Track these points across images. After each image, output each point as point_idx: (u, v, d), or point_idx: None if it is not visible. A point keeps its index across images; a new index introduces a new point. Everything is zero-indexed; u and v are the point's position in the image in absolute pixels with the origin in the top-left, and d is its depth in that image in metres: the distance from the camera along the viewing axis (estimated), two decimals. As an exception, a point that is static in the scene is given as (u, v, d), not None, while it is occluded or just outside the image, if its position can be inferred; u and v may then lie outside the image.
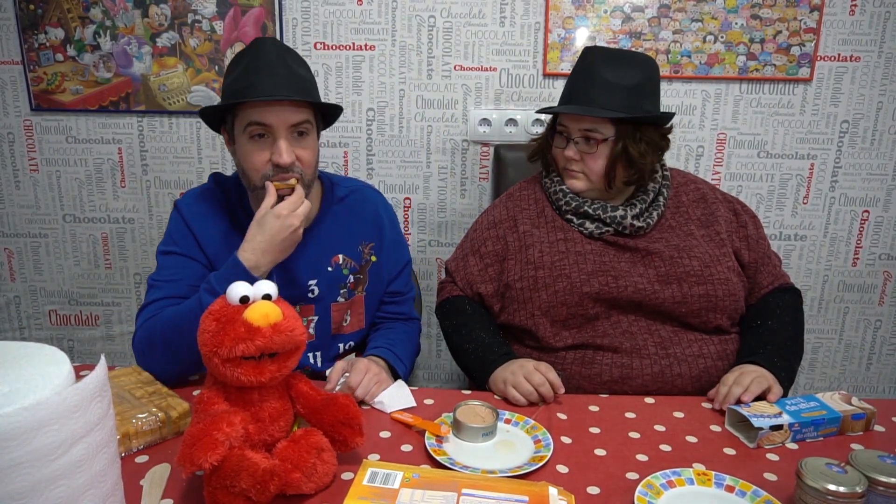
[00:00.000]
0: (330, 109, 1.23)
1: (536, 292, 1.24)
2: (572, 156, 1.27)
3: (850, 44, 1.83)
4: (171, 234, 1.22)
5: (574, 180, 1.29)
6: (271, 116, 1.10)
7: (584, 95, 1.24)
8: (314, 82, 1.20)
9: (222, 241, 1.21)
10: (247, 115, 1.11)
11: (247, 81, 1.11)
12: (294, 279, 1.23)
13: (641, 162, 1.24)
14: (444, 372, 2.15)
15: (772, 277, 1.30)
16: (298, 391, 0.90)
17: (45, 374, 0.64)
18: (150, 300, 1.16)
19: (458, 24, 1.83)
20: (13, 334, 2.12)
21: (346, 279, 1.29)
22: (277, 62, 1.12)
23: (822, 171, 1.93)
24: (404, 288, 1.40)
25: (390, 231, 1.36)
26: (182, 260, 1.19)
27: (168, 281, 1.17)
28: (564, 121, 1.28)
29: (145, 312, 1.15)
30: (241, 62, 1.14)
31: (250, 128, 1.12)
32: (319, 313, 1.28)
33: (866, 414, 1.02)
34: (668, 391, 1.19)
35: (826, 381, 2.11)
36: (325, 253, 1.26)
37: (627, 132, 1.23)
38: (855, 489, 0.75)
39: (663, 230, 1.29)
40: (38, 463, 0.59)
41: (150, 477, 0.86)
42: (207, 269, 1.19)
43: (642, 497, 0.82)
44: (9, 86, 1.91)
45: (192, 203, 1.24)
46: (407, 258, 1.40)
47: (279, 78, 1.11)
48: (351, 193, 1.32)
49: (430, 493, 0.79)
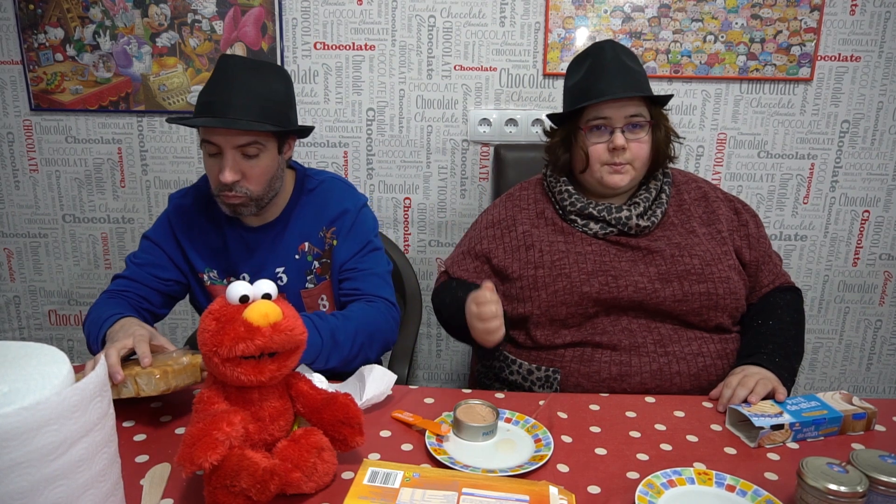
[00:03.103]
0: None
1: (536, 291, 1.24)
2: (623, 144, 1.23)
3: (850, 44, 1.83)
4: (155, 223, 1.38)
5: (619, 175, 1.25)
6: (219, 138, 1.18)
7: (618, 80, 1.23)
8: (280, 100, 1.22)
9: (199, 235, 1.35)
10: (203, 131, 1.20)
11: (208, 99, 1.19)
12: (263, 268, 1.33)
13: (666, 148, 1.29)
14: (444, 372, 2.15)
15: (773, 276, 1.30)
16: (298, 390, 0.90)
17: (45, 374, 0.64)
18: (120, 275, 1.35)
19: (458, 24, 1.83)
20: (13, 334, 2.12)
21: (311, 265, 1.35)
22: (238, 85, 1.17)
23: (823, 171, 1.93)
24: (360, 264, 1.35)
25: (353, 216, 1.35)
26: (153, 247, 1.35)
27: (137, 265, 1.34)
28: (605, 112, 1.23)
29: (112, 283, 1.33)
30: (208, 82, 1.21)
31: (205, 144, 1.21)
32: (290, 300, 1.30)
33: (867, 413, 1.02)
34: (666, 389, 1.19)
35: (826, 381, 2.11)
36: (292, 241, 1.34)
37: (657, 114, 1.28)
38: (856, 489, 0.75)
39: (666, 228, 1.29)
40: (38, 463, 0.59)
41: (150, 477, 0.86)
42: (174, 260, 1.35)
43: (643, 496, 0.82)
44: (8, 86, 1.91)
45: (178, 199, 1.39)
46: (368, 239, 1.37)
47: (227, 105, 1.16)
48: (320, 185, 1.38)
49: (431, 492, 0.79)
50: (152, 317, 1.34)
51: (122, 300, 1.28)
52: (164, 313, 1.38)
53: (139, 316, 1.24)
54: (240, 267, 1.35)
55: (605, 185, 1.27)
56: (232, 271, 1.36)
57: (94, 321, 1.20)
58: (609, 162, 1.25)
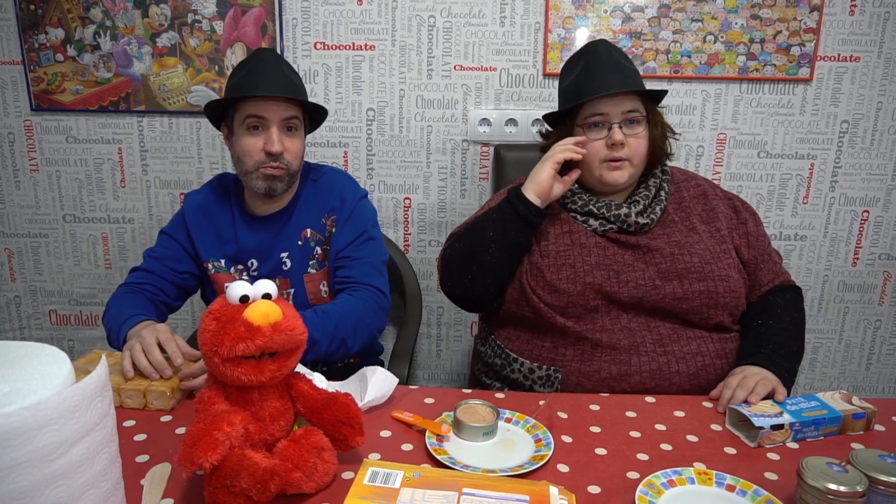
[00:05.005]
0: (316, 113, 1.43)
1: (541, 275, 1.25)
2: (621, 139, 1.23)
3: (849, 44, 1.83)
4: (172, 220, 1.47)
5: (619, 171, 1.26)
6: (267, 111, 1.30)
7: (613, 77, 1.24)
8: (304, 88, 1.40)
9: (209, 226, 1.43)
10: (246, 109, 1.31)
11: (249, 82, 1.31)
12: (271, 253, 1.42)
13: (662, 145, 1.31)
14: (444, 372, 2.15)
15: (772, 275, 1.30)
16: (299, 390, 0.90)
17: (45, 374, 0.64)
18: (137, 267, 1.43)
19: (458, 24, 1.83)
20: (13, 334, 2.12)
21: (314, 251, 1.42)
22: (274, 68, 1.33)
23: (822, 171, 1.93)
24: (354, 253, 1.39)
25: (352, 205, 1.42)
26: (169, 241, 1.44)
27: (154, 258, 1.42)
28: (602, 108, 1.24)
29: (129, 276, 1.42)
30: (244, 66, 1.35)
31: (248, 120, 1.31)
32: (295, 285, 1.43)
33: (867, 413, 1.02)
34: (666, 388, 1.19)
35: (826, 381, 2.11)
36: (295, 228, 1.42)
37: (652, 111, 1.29)
38: (855, 488, 0.75)
39: (666, 226, 1.29)
40: (39, 463, 0.59)
41: (151, 477, 0.86)
42: (189, 252, 1.43)
43: (643, 496, 0.82)
44: (9, 86, 1.91)
45: (192, 195, 1.48)
46: (364, 228, 1.41)
47: (275, 81, 1.31)
48: (322, 176, 1.47)
49: (431, 492, 0.79)
50: (168, 308, 1.43)
51: (140, 295, 1.36)
52: (178, 305, 1.46)
53: (155, 308, 1.37)
54: (247, 254, 1.42)
55: (605, 182, 1.27)
56: (240, 259, 1.42)
57: (114, 316, 1.28)
58: (608, 158, 1.25)
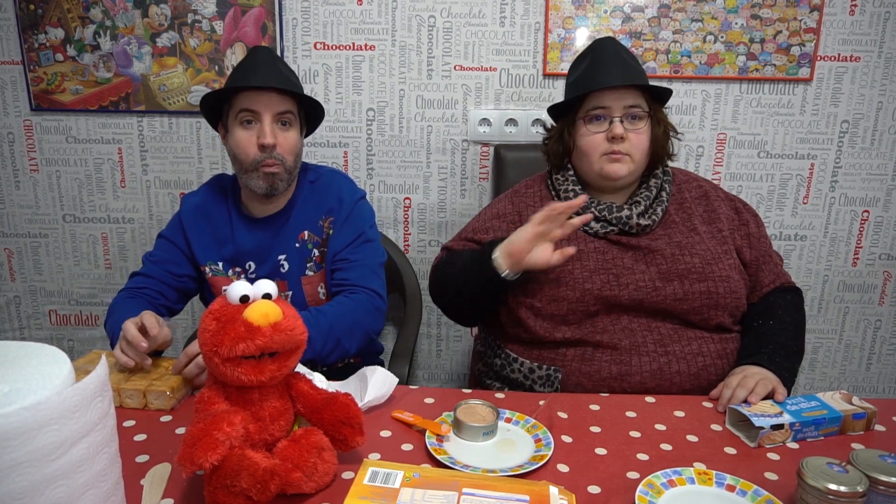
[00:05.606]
0: (314, 112, 1.42)
1: (538, 284, 1.24)
2: (622, 133, 1.23)
3: (850, 44, 1.83)
4: (169, 223, 1.46)
5: (619, 164, 1.25)
6: (259, 104, 1.30)
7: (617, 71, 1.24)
8: (300, 85, 1.39)
9: (207, 228, 1.42)
10: (240, 102, 1.31)
11: (241, 76, 1.32)
12: (269, 255, 1.40)
13: (664, 143, 1.30)
14: (444, 372, 2.15)
15: (773, 276, 1.30)
16: (299, 390, 0.90)
17: (45, 374, 0.64)
18: (137, 272, 1.43)
19: (458, 24, 1.83)
20: (13, 334, 2.12)
21: (311, 253, 1.41)
22: (268, 63, 1.34)
23: (822, 171, 1.93)
24: (352, 255, 1.39)
25: (349, 207, 1.41)
26: (167, 244, 1.43)
27: (153, 262, 1.42)
28: (604, 102, 1.24)
29: (129, 281, 1.42)
30: (240, 64, 1.36)
31: (241, 114, 1.31)
32: (292, 288, 1.42)
33: (867, 413, 1.02)
34: (666, 389, 1.19)
35: (826, 381, 2.11)
36: (293, 230, 1.41)
37: (655, 108, 1.29)
38: (856, 489, 0.75)
39: (667, 227, 1.29)
40: (39, 463, 0.59)
41: (151, 477, 0.86)
42: (186, 255, 1.42)
43: (643, 496, 0.82)
44: (9, 86, 1.91)
45: (189, 196, 1.47)
46: (362, 230, 1.41)
47: (268, 73, 1.32)
48: (320, 177, 1.46)
49: (431, 492, 0.79)
50: (169, 312, 1.43)
51: (140, 299, 1.36)
52: (179, 308, 1.46)
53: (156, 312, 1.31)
54: (245, 256, 1.41)
55: (605, 175, 1.27)
56: (237, 261, 1.41)
57: (116, 322, 1.26)
58: (608, 151, 1.25)
